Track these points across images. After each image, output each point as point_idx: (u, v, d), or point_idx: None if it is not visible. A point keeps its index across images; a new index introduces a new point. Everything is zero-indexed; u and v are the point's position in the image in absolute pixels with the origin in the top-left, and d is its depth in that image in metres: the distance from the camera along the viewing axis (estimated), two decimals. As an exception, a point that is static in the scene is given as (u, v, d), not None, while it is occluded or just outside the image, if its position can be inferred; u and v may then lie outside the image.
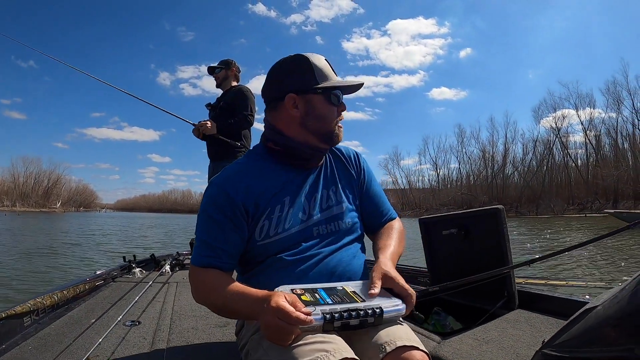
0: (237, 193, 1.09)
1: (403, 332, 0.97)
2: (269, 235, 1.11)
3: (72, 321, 1.99)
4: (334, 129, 1.18)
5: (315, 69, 1.15)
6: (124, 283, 2.88)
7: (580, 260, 8.12)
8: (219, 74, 3.81)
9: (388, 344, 0.91)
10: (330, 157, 1.26)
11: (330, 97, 1.15)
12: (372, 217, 1.28)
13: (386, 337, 0.94)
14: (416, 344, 0.92)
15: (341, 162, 1.28)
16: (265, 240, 1.11)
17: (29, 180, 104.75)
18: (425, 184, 70.78)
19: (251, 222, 1.10)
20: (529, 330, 1.59)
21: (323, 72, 1.16)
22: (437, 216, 2.33)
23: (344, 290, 0.99)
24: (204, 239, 1.10)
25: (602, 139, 49.03)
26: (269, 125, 1.21)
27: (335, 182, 1.23)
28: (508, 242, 1.87)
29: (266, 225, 1.11)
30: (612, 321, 0.83)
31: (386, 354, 0.90)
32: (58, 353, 1.58)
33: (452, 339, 1.55)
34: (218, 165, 3.67)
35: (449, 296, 2.00)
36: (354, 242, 1.21)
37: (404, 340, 0.92)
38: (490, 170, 59.84)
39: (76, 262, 8.67)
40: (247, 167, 1.17)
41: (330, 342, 0.89)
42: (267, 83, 1.21)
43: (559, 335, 0.94)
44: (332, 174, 1.24)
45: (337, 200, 1.20)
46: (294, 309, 0.82)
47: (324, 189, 1.20)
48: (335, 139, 1.19)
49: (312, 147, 1.17)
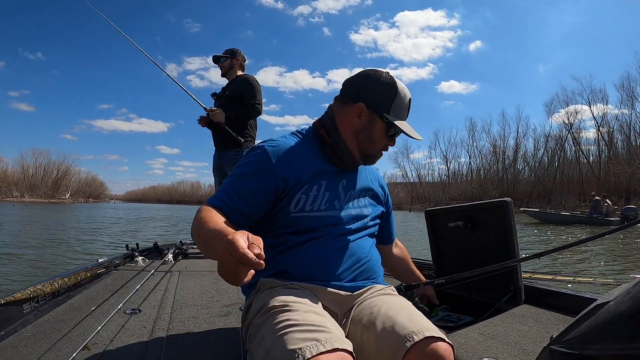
0: (280, 164, 1.16)
1: (427, 322, 0.99)
2: (304, 209, 1.18)
3: (72, 308, 1.98)
4: (377, 154, 1.30)
5: (396, 101, 1.25)
6: (126, 271, 2.87)
7: (587, 256, 8.07)
8: (224, 63, 3.80)
9: (415, 334, 0.92)
10: (365, 169, 1.39)
11: (390, 130, 1.25)
12: (385, 232, 1.51)
13: (411, 325, 0.95)
14: (442, 335, 0.94)
15: (373, 178, 1.42)
16: (301, 214, 1.18)
17: (38, 172, 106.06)
18: (435, 177, 70.64)
19: (289, 193, 1.17)
20: (536, 325, 1.55)
21: (399, 108, 1.25)
22: (444, 208, 2.29)
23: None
24: (227, 188, 1.15)
25: (614, 136, 48.46)
26: (331, 115, 1.29)
27: (367, 190, 1.36)
28: (515, 236, 1.83)
29: (303, 199, 1.18)
30: (625, 317, 0.79)
31: (414, 343, 0.90)
32: (56, 340, 1.57)
33: (457, 333, 1.52)
34: (223, 154, 3.66)
35: (454, 289, 1.97)
36: (372, 241, 1.33)
37: (431, 331, 0.93)
38: (501, 164, 59.50)
39: (80, 250, 8.75)
40: (296, 145, 1.24)
41: (325, 330, 0.89)
42: (354, 80, 1.29)
43: (567, 331, 0.91)
44: (365, 182, 1.36)
45: (368, 204, 1.34)
46: (245, 246, 0.73)
47: (359, 189, 1.32)
48: (372, 162, 1.33)
49: (352, 156, 1.26)
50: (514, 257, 1.79)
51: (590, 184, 46.72)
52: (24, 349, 1.50)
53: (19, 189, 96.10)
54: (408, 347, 0.90)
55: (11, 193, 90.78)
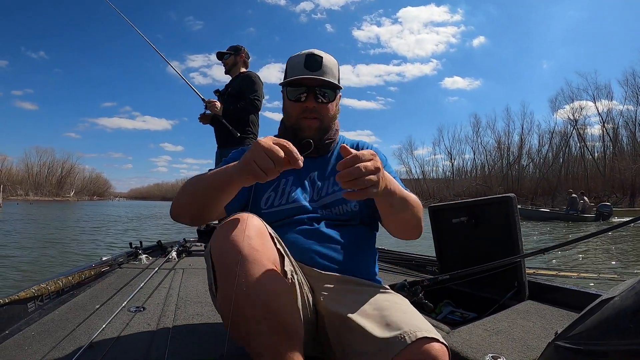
0: None
1: (421, 322, 0.94)
2: (274, 204, 1.26)
3: (76, 307, 1.98)
4: (295, 124, 1.28)
5: (289, 65, 1.28)
6: (129, 269, 2.88)
7: (591, 251, 8.03)
8: (227, 60, 3.79)
9: (408, 334, 0.87)
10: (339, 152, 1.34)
11: (287, 93, 1.27)
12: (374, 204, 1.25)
13: (404, 324, 0.91)
14: (435, 335, 0.89)
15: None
16: (270, 209, 1.26)
17: (43, 170, 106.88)
18: (440, 174, 70.58)
19: (259, 190, 1.27)
20: (540, 321, 1.54)
21: (293, 69, 1.26)
22: (447, 204, 2.29)
23: None
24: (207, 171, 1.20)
25: (619, 132, 48.17)
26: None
27: (333, 173, 1.27)
28: (519, 231, 1.83)
29: (272, 196, 1.27)
30: (630, 313, 0.78)
31: (406, 345, 0.86)
32: (61, 338, 1.57)
33: (461, 329, 1.51)
34: (225, 152, 3.65)
35: (458, 285, 1.96)
36: (356, 230, 1.28)
37: (424, 331, 0.88)
38: (506, 161, 59.28)
39: (83, 249, 8.76)
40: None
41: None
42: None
43: (572, 327, 0.90)
44: (334, 166, 1.30)
45: (336, 190, 1.28)
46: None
47: (327, 177, 1.30)
48: (300, 134, 1.28)
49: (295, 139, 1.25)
50: (518, 253, 1.79)
51: (595, 181, 46.54)
52: (29, 348, 1.51)
53: (23, 187, 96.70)
54: (397, 351, 0.86)
55: (16, 191, 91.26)
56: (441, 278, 1.82)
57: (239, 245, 0.88)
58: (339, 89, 1.29)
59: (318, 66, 1.23)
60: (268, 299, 0.87)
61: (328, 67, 1.25)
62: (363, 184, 0.87)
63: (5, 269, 6.03)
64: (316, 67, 1.23)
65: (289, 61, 1.29)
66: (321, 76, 1.23)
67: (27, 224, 16.16)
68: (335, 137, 1.38)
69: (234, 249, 0.88)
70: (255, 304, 0.87)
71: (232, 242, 0.89)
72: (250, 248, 0.88)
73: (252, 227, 0.92)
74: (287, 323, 0.90)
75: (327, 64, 1.25)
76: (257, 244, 0.90)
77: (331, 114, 1.30)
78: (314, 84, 1.23)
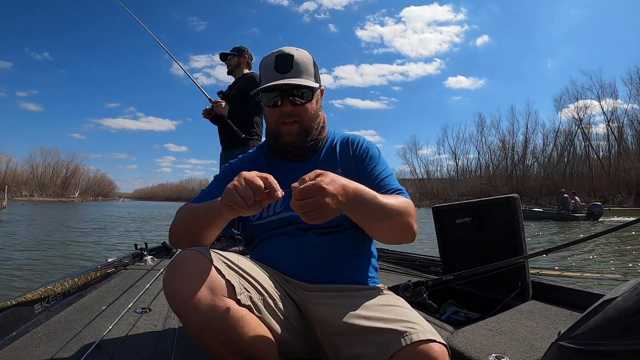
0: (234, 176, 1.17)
1: (418, 321, 0.94)
2: (262, 216, 1.25)
3: (82, 308, 1.99)
4: (275, 130, 1.25)
5: (260, 69, 1.25)
6: (135, 270, 2.89)
7: (595, 252, 8.00)
8: (231, 61, 3.79)
9: (407, 335, 0.87)
10: (330, 148, 1.33)
11: (263, 99, 1.24)
12: None
13: (403, 325, 0.91)
14: (435, 336, 0.89)
15: (345, 153, 1.32)
16: (259, 221, 1.26)
17: (47, 171, 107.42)
18: (444, 174, 70.57)
19: None
20: (544, 321, 1.54)
21: (264, 73, 1.22)
22: (451, 204, 2.29)
23: None
24: (201, 192, 1.28)
25: (624, 131, 47.93)
26: None
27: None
28: (523, 232, 1.83)
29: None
30: (632, 313, 0.79)
31: (403, 347, 0.86)
32: (68, 340, 1.59)
33: (464, 329, 1.52)
34: (229, 154, 3.66)
35: (461, 286, 1.96)
36: (347, 235, 1.24)
37: (420, 333, 0.88)
38: (510, 160, 59.09)
39: (89, 250, 8.78)
40: (255, 152, 1.38)
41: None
42: None
43: (575, 327, 0.90)
44: (325, 165, 1.17)
45: None
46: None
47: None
48: (280, 139, 1.25)
49: (276, 144, 1.28)
50: (522, 254, 1.79)
51: (600, 180, 46.34)
52: (37, 349, 1.52)
53: (28, 188, 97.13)
54: (393, 352, 0.86)
55: (20, 192, 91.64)
56: (445, 278, 1.82)
57: (177, 289, 0.92)
58: (315, 87, 1.22)
59: (289, 66, 1.18)
60: (223, 330, 0.92)
61: (301, 65, 1.19)
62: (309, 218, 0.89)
63: (12, 271, 6.06)
64: (287, 68, 1.18)
65: (261, 64, 1.25)
66: (294, 76, 1.17)
67: (31, 226, 16.20)
68: (321, 135, 1.32)
69: (173, 293, 0.93)
70: (211, 336, 0.93)
71: (171, 285, 0.93)
72: (189, 290, 0.91)
73: (191, 268, 0.94)
74: (249, 349, 0.95)
75: (299, 62, 1.19)
76: (194, 285, 0.92)
77: (311, 114, 1.23)
78: (286, 87, 1.18)
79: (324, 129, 1.33)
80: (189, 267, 0.94)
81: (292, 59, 1.18)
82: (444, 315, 1.89)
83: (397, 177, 1.32)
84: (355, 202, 0.97)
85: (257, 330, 0.97)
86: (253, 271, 1.05)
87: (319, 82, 1.25)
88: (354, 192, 0.96)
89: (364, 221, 1.07)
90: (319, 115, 1.28)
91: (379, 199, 1.03)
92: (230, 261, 1.02)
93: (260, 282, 1.04)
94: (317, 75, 1.25)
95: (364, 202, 0.99)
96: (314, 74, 1.23)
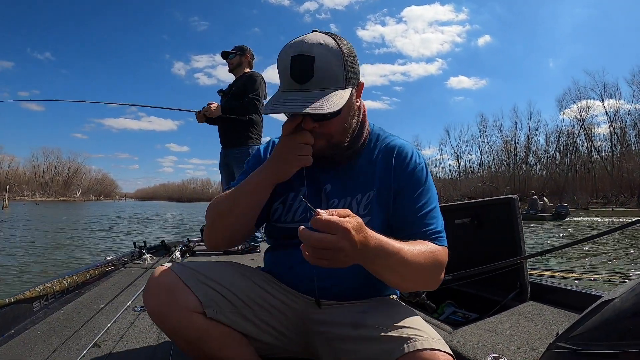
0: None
1: (426, 329, 0.90)
2: (281, 220, 1.13)
3: (81, 306, 2.00)
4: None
5: (278, 70, 0.99)
6: (134, 269, 2.89)
7: (593, 253, 7.98)
8: (232, 60, 3.81)
9: (411, 342, 0.84)
10: (369, 158, 1.11)
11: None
12: (397, 229, 1.04)
13: (407, 332, 0.88)
14: (442, 346, 0.85)
15: (386, 169, 1.09)
16: (277, 224, 1.14)
17: (49, 170, 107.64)
18: (446, 174, 70.33)
19: (271, 197, 1.11)
20: (542, 322, 1.54)
21: (280, 77, 0.99)
22: (450, 205, 2.29)
23: None
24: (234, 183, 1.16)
25: (627, 131, 47.79)
26: None
27: (366, 189, 1.08)
28: (521, 232, 1.83)
29: (279, 209, 1.13)
30: (630, 314, 0.78)
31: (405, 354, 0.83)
32: (66, 338, 1.59)
33: (463, 330, 1.51)
34: (228, 152, 3.67)
35: (460, 286, 1.96)
36: None
37: (432, 342, 0.85)
38: (513, 161, 58.97)
39: (88, 249, 8.79)
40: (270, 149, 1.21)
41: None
42: None
43: (573, 328, 0.90)
44: (365, 179, 1.09)
45: (364, 207, 1.07)
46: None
47: (353, 190, 1.09)
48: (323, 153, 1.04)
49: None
50: (520, 254, 1.78)
51: (603, 180, 46.17)
52: (35, 347, 1.52)
53: (30, 187, 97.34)
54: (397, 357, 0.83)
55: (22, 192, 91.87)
56: (444, 279, 1.82)
57: (149, 306, 0.97)
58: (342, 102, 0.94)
59: (308, 74, 0.93)
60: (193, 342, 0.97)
61: (324, 71, 0.93)
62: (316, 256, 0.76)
63: (11, 269, 6.08)
64: (306, 76, 0.93)
65: (278, 59, 0.99)
66: (316, 87, 0.93)
67: (32, 225, 16.22)
68: (359, 141, 1.09)
69: (148, 309, 0.98)
70: (189, 347, 0.99)
71: (145, 302, 0.99)
72: (158, 306, 0.96)
73: (161, 286, 0.97)
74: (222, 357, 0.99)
75: (322, 68, 0.93)
76: (162, 301, 0.95)
77: (342, 127, 1.02)
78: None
79: (363, 131, 1.10)
80: (159, 285, 0.97)
81: (312, 63, 0.92)
82: (443, 315, 1.89)
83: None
84: (375, 257, 0.84)
85: (225, 341, 0.99)
86: (231, 284, 1.03)
87: (354, 80, 1.01)
88: (375, 246, 0.82)
89: (379, 274, 0.91)
90: (352, 123, 1.05)
91: (403, 255, 0.88)
92: (204, 276, 1.01)
93: (236, 293, 1.02)
94: (351, 71, 0.99)
95: (385, 257, 0.86)
96: (345, 76, 0.97)
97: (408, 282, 0.99)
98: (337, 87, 0.95)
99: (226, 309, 0.99)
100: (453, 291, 1.98)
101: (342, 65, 0.96)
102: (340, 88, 0.95)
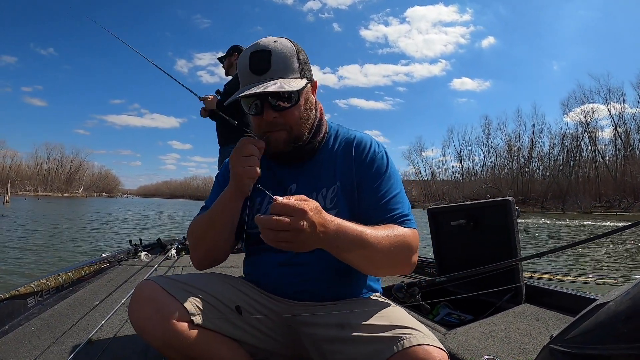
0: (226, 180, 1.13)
1: (416, 326, 0.90)
2: (249, 227, 1.14)
3: (75, 303, 2.00)
4: (263, 138, 1.07)
5: (239, 71, 1.08)
6: (129, 266, 2.90)
7: (588, 256, 7.99)
8: (225, 63, 3.98)
9: (401, 340, 0.85)
10: (330, 151, 1.15)
11: (243, 106, 1.09)
12: (364, 220, 1.01)
13: (397, 331, 0.88)
14: (433, 341, 0.86)
15: (347, 159, 1.13)
16: (248, 231, 1.15)
17: (52, 166, 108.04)
18: (449, 175, 70.38)
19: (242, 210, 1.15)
20: (536, 324, 1.53)
21: (241, 76, 1.06)
22: (446, 206, 2.28)
23: None
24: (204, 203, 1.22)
25: (631, 135, 47.67)
26: None
27: (329, 184, 1.11)
28: (517, 234, 1.82)
29: (245, 218, 1.14)
30: (624, 318, 0.78)
31: (394, 353, 0.83)
32: (61, 334, 1.59)
33: (457, 331, 1.50)
34: (224, 150, 3.74)
35: (455, 287, 1.95)
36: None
37: (422, 337, 0.85)
38: (516, 163, 58.89)
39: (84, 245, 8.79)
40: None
41: None
42: None
43: (567, 330, 0.89)
44: (327, 174, 1.12)
45: (330, 202, 1.10)
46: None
47: (317, 187, 1.12)
48: (269, 149, 1.08)
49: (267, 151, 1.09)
50: (516, 256, 1.78)
51: (607, 184, 46.09)
52: (29, 343, 1.52)
53: (32, 183, 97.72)
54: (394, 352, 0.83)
55: (24, 187, 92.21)
56: (439, 280, 1.81)
57: (135, 319, 0.96)
58: (299, 87, 1.02)
59: (266, 65, 1.01)
60: (182, 351, 0.95)
61: (280, 61, 1.02)
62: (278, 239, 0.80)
63: (6, 264, 6.08)
64: (263, 68, 1.01)
65: (238, 65, 1.08)
66: (273, 77, 1.00)
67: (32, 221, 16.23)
68: (318, 135, 1.14)
69: (133, 323, 0.96)
70: (178, 357, 0.96)
71: (130, 316, 0.97)
72: (144, 319, 0.94)
73: (146, 298, 0.96)
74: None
75: (278, 59, 1.01)
76: (148, 313, 0.94)
77: (299, 117, 1.07)
78: (264, 94, 1.01)
79: (321, 127, 1.15)
80: (144, 298, 0.96)
81: (268, 55, 1.01)
82: (437, 317, 1.87)
83: (402, 179, 1.20)
84: (336, 239, 0.87)
85: (216, 346, 0.99)
86: (216, 291, 1.04)
87: (309, 76, 1.08)
88: (335, 228, 0.86)
89: (347, 259, 0.94)
90: (310, 116, 1.10)
91: (365, 237, 0.92)
92: (188, 285, 1.01)
93: (221, 300, 1.02)
94: (305, 67, 1.07)
95: (346, 239, 0.89)
96: (299, 68, 1.05)
97: (378, 266, 1.02)
98: (294, 75, 1.04)
99: (213, 315, 0.99)
100: (448, 292, 1.97)
101: (296, 58, 1.05)
102: (296, 78, 1.04)
